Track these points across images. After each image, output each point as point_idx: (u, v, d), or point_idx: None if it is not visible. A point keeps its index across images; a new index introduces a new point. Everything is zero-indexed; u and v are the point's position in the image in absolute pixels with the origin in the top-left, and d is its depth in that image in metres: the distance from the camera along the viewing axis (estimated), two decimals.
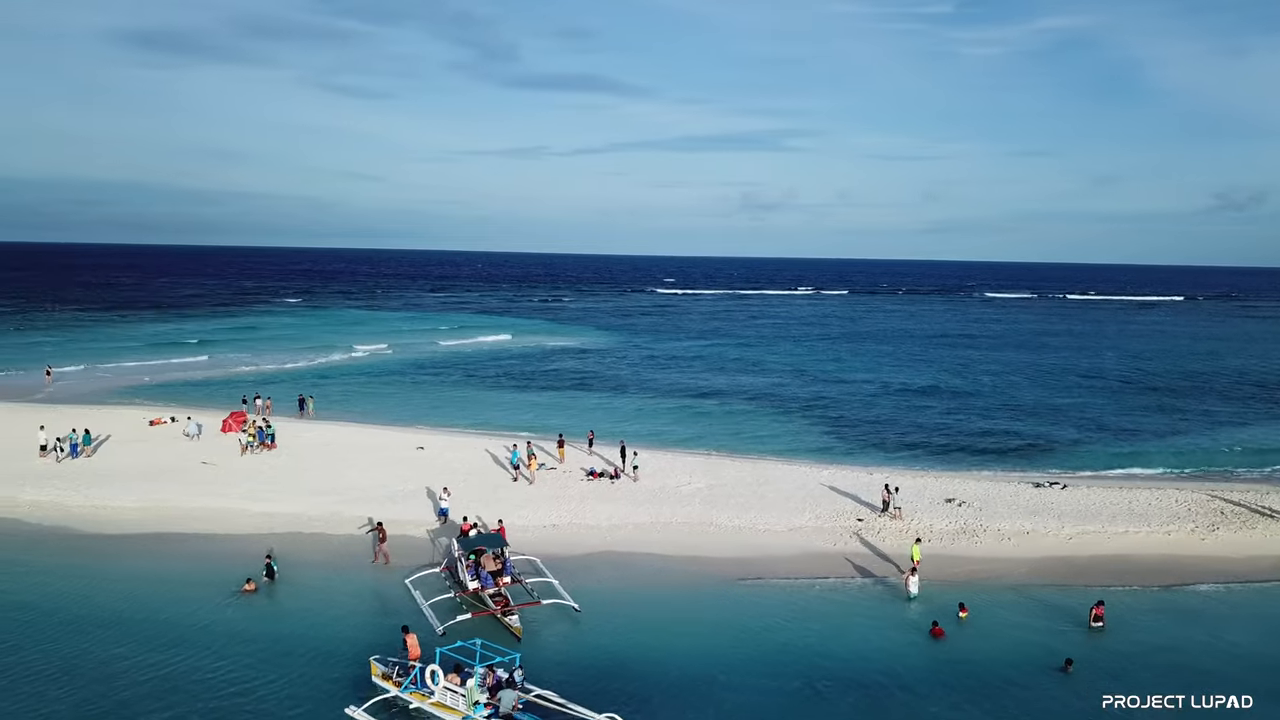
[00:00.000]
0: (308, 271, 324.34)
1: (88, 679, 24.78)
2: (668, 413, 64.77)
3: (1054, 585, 32.95)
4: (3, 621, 28.12)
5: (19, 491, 40.37)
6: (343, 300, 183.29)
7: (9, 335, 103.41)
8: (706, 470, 46.35)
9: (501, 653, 25.24)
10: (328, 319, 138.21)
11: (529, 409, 65.84)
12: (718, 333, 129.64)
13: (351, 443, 50.82)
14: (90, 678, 24.84)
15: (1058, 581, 33.34)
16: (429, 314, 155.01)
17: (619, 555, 35.25)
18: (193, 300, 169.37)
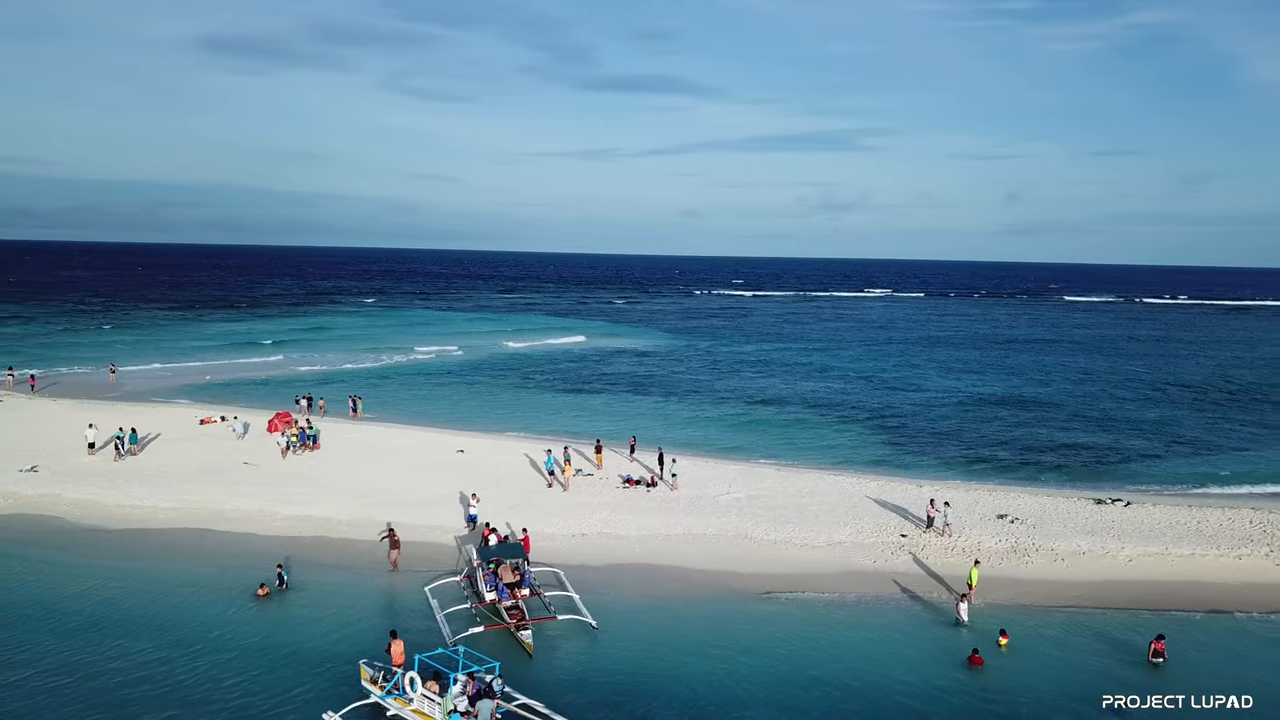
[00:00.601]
0: (384, 272, 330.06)
1: (92, 683, 24.55)
2: (721, 419, 63.19)
3: (1109, 612, 30.76)
4: (22, 621, 28.13)
5: (63, 489, 40.91)
6: (415, 301, 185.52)
7: (86, 333, 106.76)
8: (748, 479, 44.85)
9: (482, 661, 24.52)
10: (397, 319, 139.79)
11: (579, 412, 65.07)
12: (783, 336, 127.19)
13: (393, 445, 50.59)
14: (95, 683, 24.61)
15: (1114, 608, 31.11)
16: (497, 315, 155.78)
17: (646, 568, 34.05)
18: (269, 299, 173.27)
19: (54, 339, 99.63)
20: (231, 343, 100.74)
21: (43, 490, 40.63)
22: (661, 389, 75.95)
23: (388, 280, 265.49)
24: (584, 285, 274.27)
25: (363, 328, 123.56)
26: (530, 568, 32.97)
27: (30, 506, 38.94)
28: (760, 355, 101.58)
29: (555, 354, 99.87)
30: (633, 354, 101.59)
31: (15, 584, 30.90)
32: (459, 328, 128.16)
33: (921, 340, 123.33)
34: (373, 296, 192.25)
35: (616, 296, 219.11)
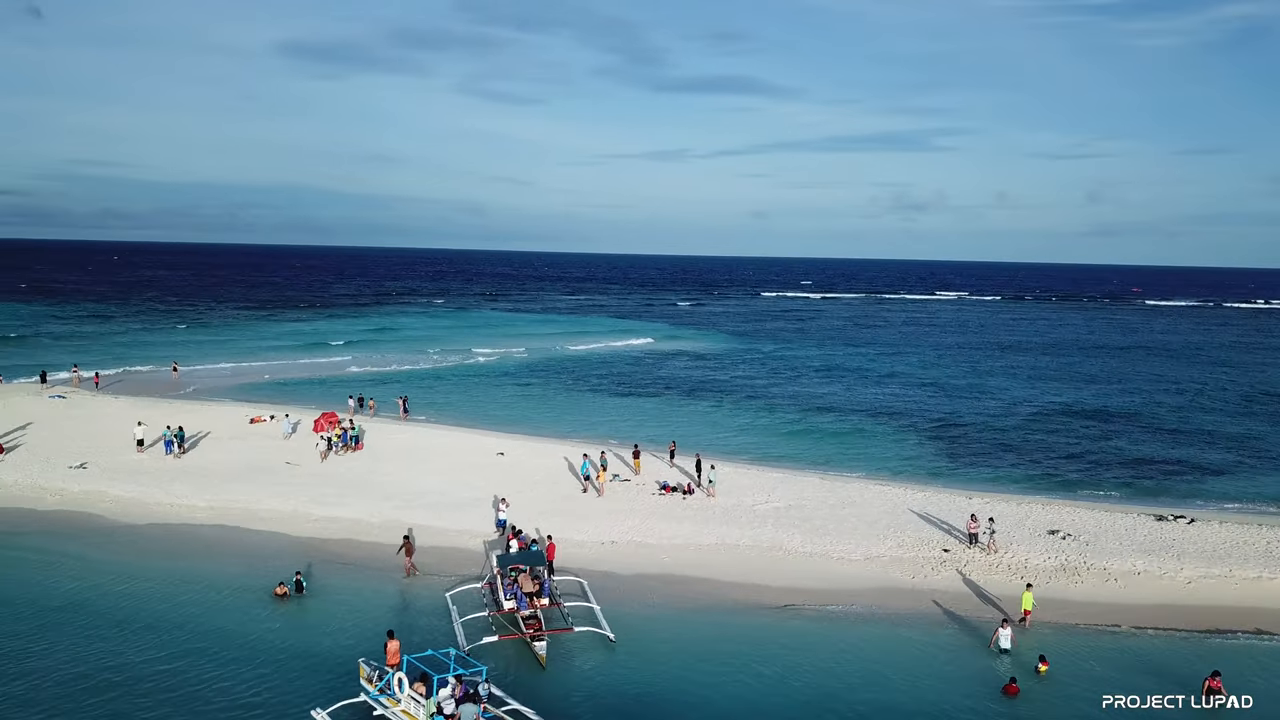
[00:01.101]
0: (454, 273, 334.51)
1: (106, 682, 24.57)
2: (773, 426, 61.66)
3: (1163, 639, 28.88)
4: (45, 617, 28.42)
5: (109, 486, 41.61)
6: (482, 302, 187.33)
7: (159, 332, 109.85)
8: (789, 489, 43.57)
9: (471, 665, 24.13)
10: (462, 321, 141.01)
11: (629, 416, 64.33)
12: (849, 340, 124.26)
13: (435, 446, 50.53)
14: (108, 682, 24.62)
15: (1168, 634, 29.22)
16: (561, 316, 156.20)
17: (673, 578, 33.09)
18: (339, 300, 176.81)
19: (129, 337, 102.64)
20: (297, 343, 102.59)
21: (89, 487, 41.39)
22: (716, 393, 74.67)
23: (457, 281, 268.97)
24: (649, 287, 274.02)
25: (427, 329, 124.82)
26: (554, 576, 32.45)
27: (74, 503, 39.66)
28: (823, 360, 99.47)
29: (613, 356, 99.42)
30: (691, 357, 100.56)
31: (47, 580, 31.28)
32: (522, 329, 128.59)
33: (993, 345, 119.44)
34: (441, 298, 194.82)
35: (681, 298, 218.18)
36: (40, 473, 43.07)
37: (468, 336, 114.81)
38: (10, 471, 43.25)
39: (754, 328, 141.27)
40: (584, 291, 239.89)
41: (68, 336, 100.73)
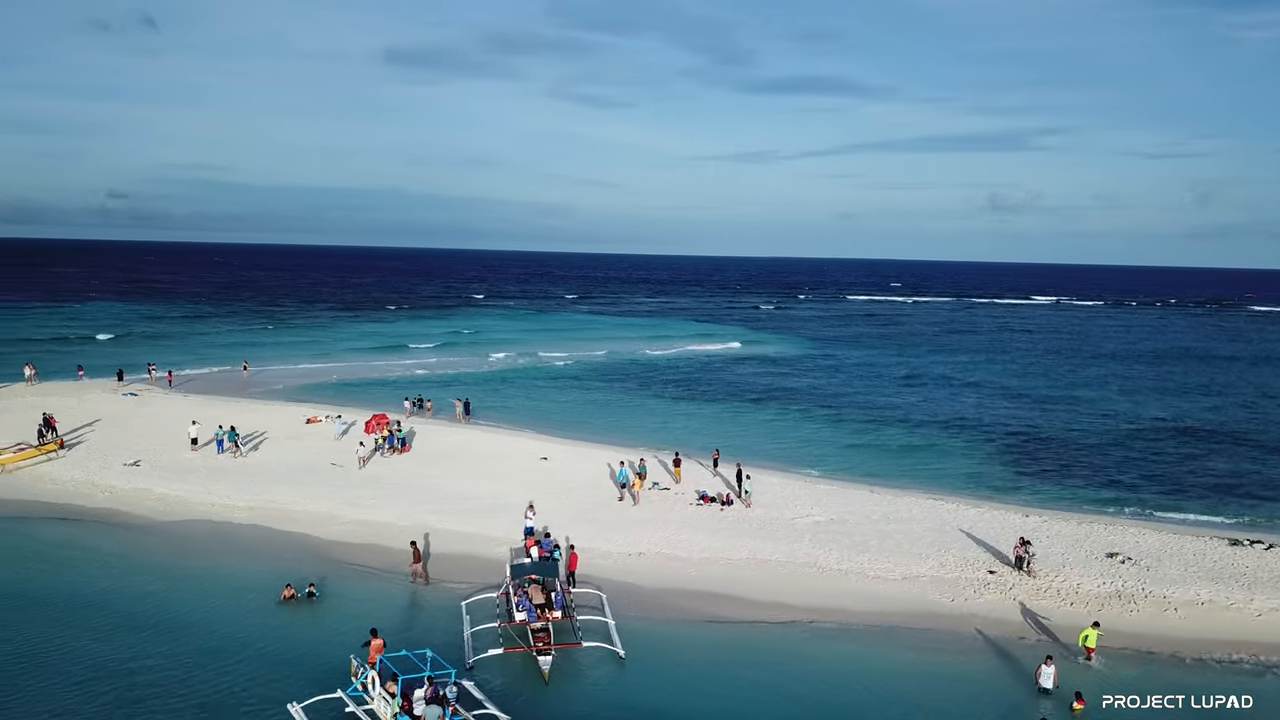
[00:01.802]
0: (540, 275, 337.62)
1: (110, 683, 24.76)
2: (836, 436, 59.50)
3: (1223, 677, 26.50)
4: (69, 614, 28.86)
5: (156, 484, 42.46)
6: (564, 305, 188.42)
7: (245, 332, 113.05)
8: (835, 501, 41.91)
9: (444, 666, 24.19)
10: (541, 323, 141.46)
11: (688, 422, 63.13)
12: (934, 345, 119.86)
13: (482, 450, 50.31)
14: (118, 683, 24.80)
15: (1230, 672, 26.83)
16: (641, 319, 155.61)
17: (697, 594, 31.90)
18: (423, 301, 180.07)
19: (213, 337, 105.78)
20: (373, 344, 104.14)
21: (138, 484, 42.30)
22: (783, 401, 72.61)
23: (541, 284, 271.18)
24: (732, 289, 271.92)
25: (504, 331, 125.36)
26: (575, 587, 31.72)
27: (121, 500, 40.52)
28: (904, 367, 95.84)
29: (685, 360, 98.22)
30: (765, 362, 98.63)
31: (78, 576, 31.88)
32: (600, 332, 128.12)
33: (1087, 354, 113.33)
34: (524, 300, 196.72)
35: (764, 301, 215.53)
36: (96, 469, 44.25)
37: (544, 339, 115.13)
38: (68, 468, 44.56)
39: (835, 332, 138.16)
40: (666, 294, 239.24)
41: (157, 336, 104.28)
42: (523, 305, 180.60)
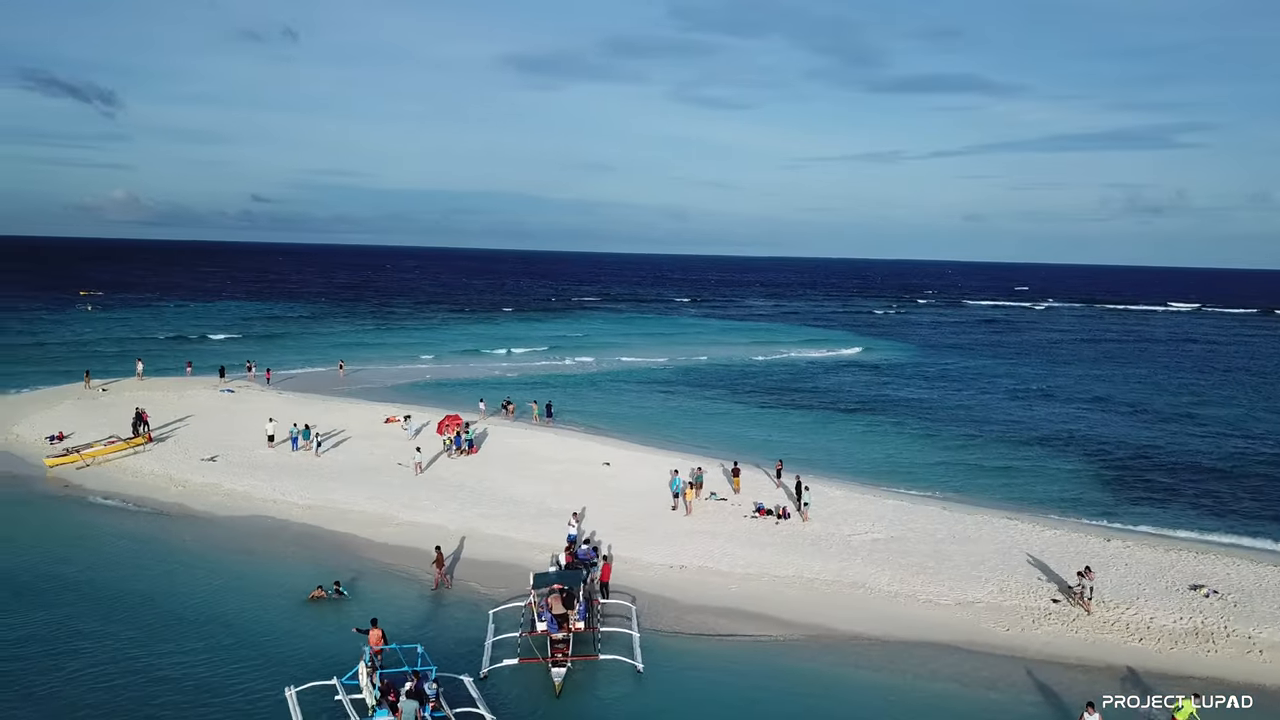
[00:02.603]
0: (655, 278, 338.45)
1: (119, 667, 25.46)
2: (926, 448, 56.77)
3: None
4: (109, 609, 29.82)
5: (226, 479, 43.84)
6: (674, 308, 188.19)
7: (356, 333, 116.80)
8: (899, 517, 39.91)
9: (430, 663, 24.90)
10: (646, 326, 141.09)
11: (768, 430, 61.50)
12: (1053, 355, 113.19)
13: (547, 453, 50.16)
14: (127, 669, 25.46)
15: None
16: (749, 323, 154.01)
17: (732, 611, 30.68)
18: (534, 303, 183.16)
19: (326, 336, 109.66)
20: (478, 345, 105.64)
21: (210, 480, 43.78)
22: (876, 411, 69.78)
23: (655, 287, 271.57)
24: (850, 293, 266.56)
25: (607, 334, 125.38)
26: (607, 598, 31.07)
27: (189, 495, 41.93)
28: (1017, 377, 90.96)
29: (784, 366, 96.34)
30: (867, 369, 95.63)
31: (125, 568, 32.96)
32: (704, 336, 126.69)
33: (1225, 366, 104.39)
34: (634, 303, 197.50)
35: (880, 305, 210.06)
36: (176, 464, 46.04)
37: (644, 343, 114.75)
38: (151, 461, 46.52)
39: (948, 339, 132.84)
40: (780, 297, 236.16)
41: (272, 335, 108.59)
42: (632, 309, 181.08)
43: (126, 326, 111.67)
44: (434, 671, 24.32)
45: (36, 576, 32.00)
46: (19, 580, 31.71)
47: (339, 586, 30.96)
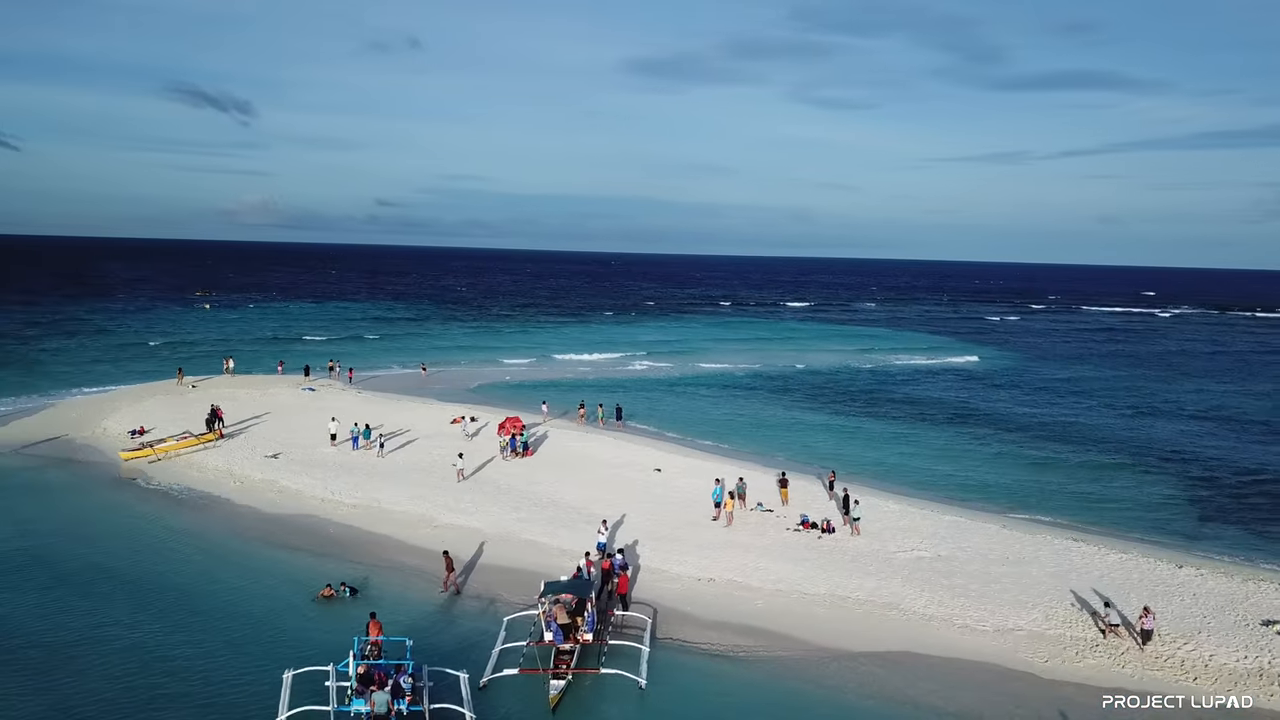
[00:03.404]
0: (768, 282, 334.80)
1: (133, 655, 26.00)
2: (1004, 465, 53.77)
3: None
4: (139, 599, 30.64)
5: (282, 476, 44.86)
6: (785, 311, 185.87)
7: (447, 335, 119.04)
8: (952, 535, 37.77)
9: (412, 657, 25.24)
10: (748, 330, 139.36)
11: (840, 440, 59.52)
12: (1175, 365, 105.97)
13: (601, 457, 49.66)
14: (141, 656, 26.02)
15: None
16: (858, 327, 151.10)
17: (752, 630, 29.36)
18: (643, 305, 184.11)
19: (419, 338, 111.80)
20: (566, 347, 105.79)
21: (268, 476, 44.86)
22: (964, 422, 66.54)
23: (769, 290, 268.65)
24: (965, 297, 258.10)
25: (704, 338, 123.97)
26: (625, 609, 30.32)
27: (246, 491, 42.98)
28: (1126, 389, 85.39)
29: (879, 373, 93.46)
30: (965, 376, 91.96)
31: (162, 560, 33.83)
32: (805, 342, 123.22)
33: None
34: (744, 306, 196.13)
35: (997, 311, 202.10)
36: (240, 460, 47.39)
37: (738, 347, 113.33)
38: (218, 456, 48.04)
39: (1060, 347, 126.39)
40: (895, 301, 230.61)
41: (370, 337, 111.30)
42: (734, 312, 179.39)
43: (234, 326, 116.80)
44: (411, 665, 24.54)
45: (83, 564, 33.20)
46: (64, 566, 33.02)
47: (346, 585, 31.40)
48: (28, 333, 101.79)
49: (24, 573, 32.36)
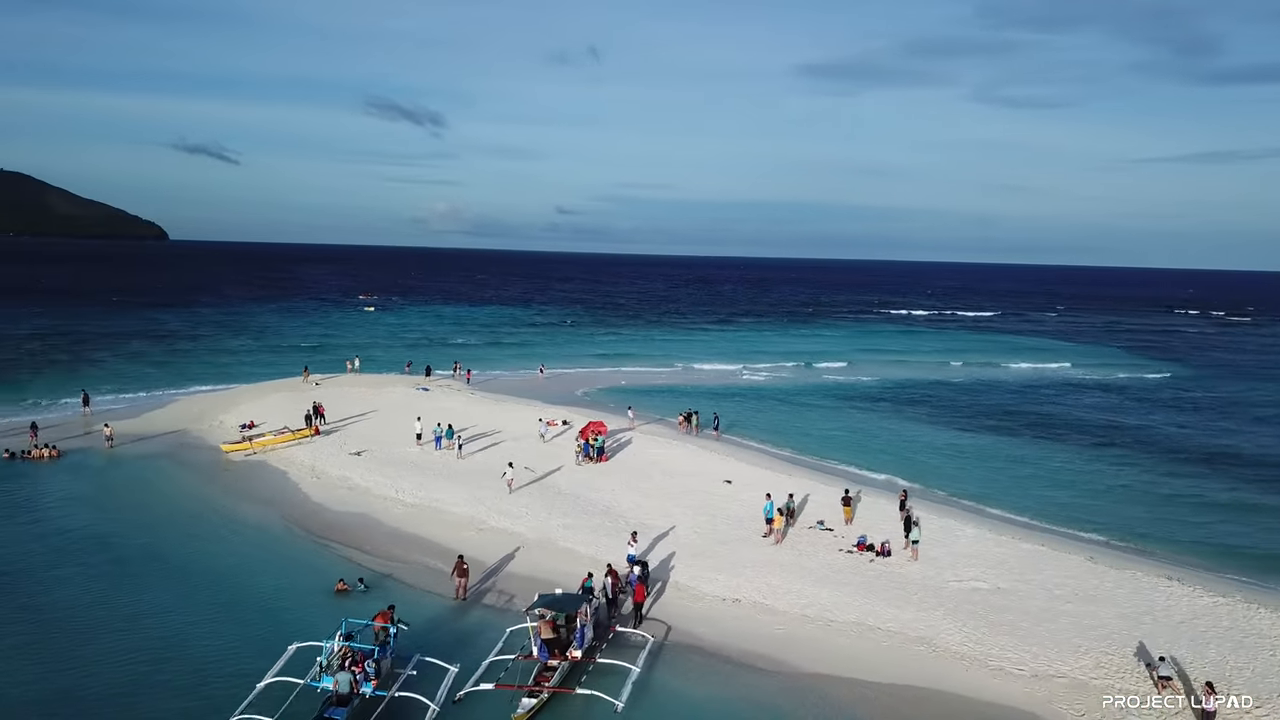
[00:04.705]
0: (947, 289, 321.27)
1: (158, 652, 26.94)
2: (1127, 486, 49.40)
3: None
4: (177, 586, 31.81)
5: (357, 473, 45.85)
6: (944, 320, 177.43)
7: (579, 342, 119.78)
8: (1020, 565, 34.24)
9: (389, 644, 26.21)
10: (888, 339, 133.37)
11: (946, 456, 55.85)
12: None
13: (675, 467, 48.24)
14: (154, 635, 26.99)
15: None
16: (1015, 336, 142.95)
17: (760, 656, 27.42)
18: (787, 312, 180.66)
19: (558, 345, 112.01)
20: (693, 354, 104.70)
21: (345, 473, 46.08)
22: (1099, 442, 61.32)
23: (937, 298, 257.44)
24: (1159, 307, 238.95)
25: (844, 346, 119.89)
26: (638, 622, 29.20)
27: (319, 486, 44.20)
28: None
29: (1024, 384, 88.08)
30: (1124, 393, 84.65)
31: (217, 554, 34.92)
32: (953, 350, 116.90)
33: None
34: (905, 313, 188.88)
35: (1191, 322, 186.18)
36: (326, 456, 48.98)
37: (875, 356, 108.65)
38: (308, 452, 49.85)
39: (1251, 360, 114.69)
40: (1078, 311, 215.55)
41: (509, 341, 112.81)
42: (897, 320, 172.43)
43: (386, 328, 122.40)
44: (390, 652, 25.77)
45: (136, 548, 34.99)
46: (121, 549, 34.88)
47: (361, 580, 31.99)
48: (200, 331, 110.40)
49: (81, 554, 34.40)
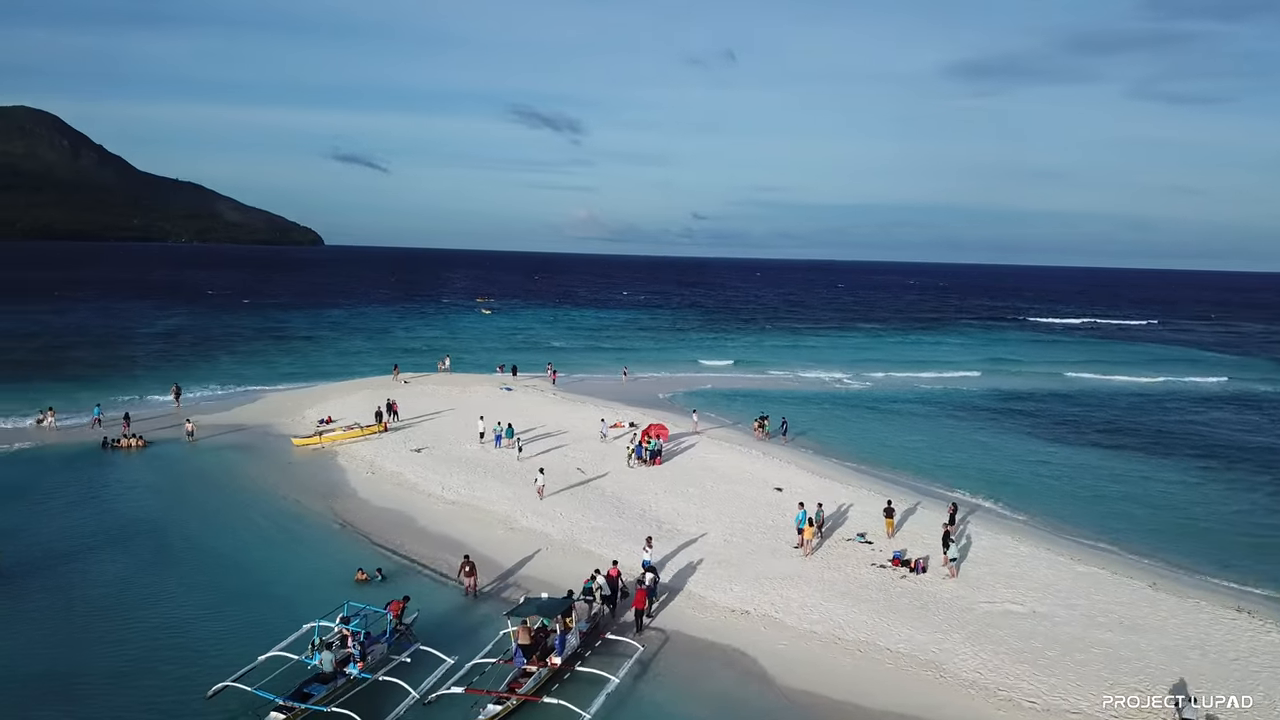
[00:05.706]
0: (1080, 295, 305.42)
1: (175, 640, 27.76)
2: (1222, 509, 45.21)
3: None
4: (210, 573, 32.72)
5: (412, 470, 46.18)
6: (1077, 327, 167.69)
7: (677, 345, 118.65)
8: (1068, 589, 31.48)
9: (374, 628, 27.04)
10: (1000, 347, 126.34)
11: (1029, 470, 52.16)
12: None
13: (727, 472, 46.90)
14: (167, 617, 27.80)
15: None
16: (1159, 347, 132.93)
17: (755, 676, 25.90)
18: (894, 317, 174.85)
19: (654, 350, 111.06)
20: (782, 360, 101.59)
21: (400, 469, 46.67)
22: (1205, 455, 56.88)
23: (1075, 304, 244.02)
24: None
25: (947, 352, 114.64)
26: (640, 628, 28.38)
27: (372, 481, 44.75)
28: None
29: (1141, 398, 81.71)
30: (1253, 409, 77.70)
31: (251, 545, 35.62)
32: (1081, 364, 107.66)
33: None
34: (1037, 320, 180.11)
35: None
36: (388, 452, 49.78)
37: (989, 365, 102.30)
38: (372, 448, 50.77)
39: None
40: (1233, 319, 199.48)
41: (606, 346, 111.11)
42: (1032, 328, 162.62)
43: (495, 330, 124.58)
44: (363, 636, 26.17)
45: (179, 537, 36.13)
46: (168, 538, 36.07)
47: (380, 571, 32.67)
48: (319, 331, 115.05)
49: (130, 539, 35.87)
